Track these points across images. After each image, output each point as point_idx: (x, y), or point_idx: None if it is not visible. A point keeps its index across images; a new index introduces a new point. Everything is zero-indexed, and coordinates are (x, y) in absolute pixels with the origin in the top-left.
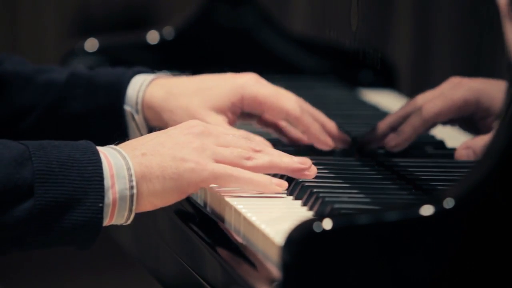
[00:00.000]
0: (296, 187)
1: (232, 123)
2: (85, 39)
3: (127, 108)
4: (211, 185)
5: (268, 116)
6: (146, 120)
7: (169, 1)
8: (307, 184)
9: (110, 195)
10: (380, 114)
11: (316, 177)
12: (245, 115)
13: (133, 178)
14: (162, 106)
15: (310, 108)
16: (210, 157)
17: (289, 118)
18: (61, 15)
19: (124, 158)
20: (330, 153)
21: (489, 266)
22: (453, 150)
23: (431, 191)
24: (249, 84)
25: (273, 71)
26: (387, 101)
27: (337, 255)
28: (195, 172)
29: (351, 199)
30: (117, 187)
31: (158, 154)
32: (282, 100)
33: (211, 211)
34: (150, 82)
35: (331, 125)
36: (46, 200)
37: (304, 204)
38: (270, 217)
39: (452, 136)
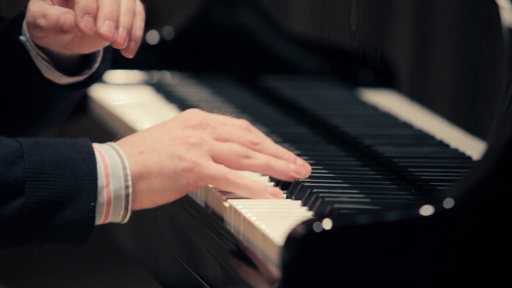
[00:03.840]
0: (296, 187)
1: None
2: None
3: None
4: (211, 185)
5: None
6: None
7: (169, 1)
8: (307, 184)
9: (104, 194)
10: (380, 114)
11: (316, 177)
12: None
13: (129, 177)
14: None
15: None
16: (208, 153)
17: None
18: None
19: (121, 157)
20: (330, 152)
21: (489, 266)
22: (453, 150)
23: (431, 191)
24: None
25: (273, 71)
26: (387, 101)
27: (336, 255)
28: (192, 172)
29: (351, 199)
30: (112, 187)
31: (155, 152)
32: None
33: (211, 211)
34: None
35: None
36: (37, 198)
37: (304, 204)
38: (270, 217)
39: (452, 137)
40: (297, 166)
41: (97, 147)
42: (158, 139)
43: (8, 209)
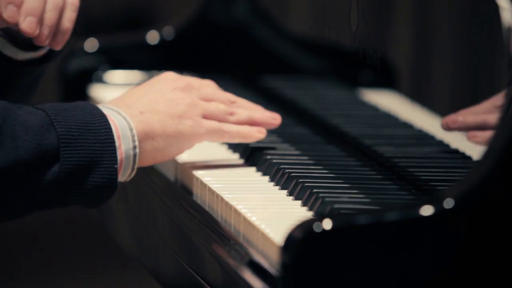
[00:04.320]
0: (296, 187)
1: None
2: (84, 39)
3: None
4: (211, 184)
5: None
6: None
7: (169, 1)
8: (307, 184)
9: (118, 156)
10: (380, 114)
11: (316, 177)
12: None
13: (136, 138)
14: None
15: None
16: (201, 113)
17: None
18: None
19: (124, 118)
20: (330, 152)
21: (489, 267)
22: (453, 150)
23: (431, 191)
24: None
25: (273, 71)
26: (387, 101)
27: (337, 255)
28: (193, 129)
29: (351, 199)
30: (123, 148)
31: (155, 113)
32: None
33: (211, 211)
34: None
35: None
36: (71, 163)
37: (304, 204)
38: (270, 217)
39: (452, 137)
40: (271, 113)
41: (103, 110)
42: (152, 100)
43: (46, 176)
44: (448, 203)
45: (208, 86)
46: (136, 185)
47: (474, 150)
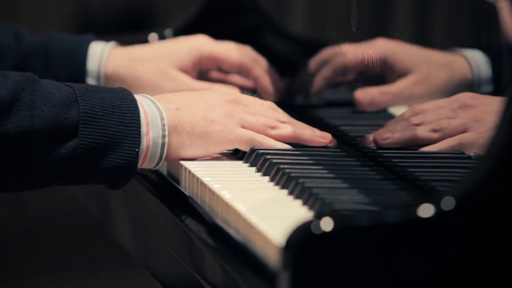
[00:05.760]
0: (296, 187)
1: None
2: None
3: (90, 81)
4: (211, 183)
5: (224, 69)
6: None
7: (169, 4)
8: (307, 184)
9: (144, 142)
10: (380, 114)
11: (316, 177)
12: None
13: (166, 127)
14: (128, 73)
15: (259, 59)
16: (238, 123)
17: (242, 69)
18: (61, 17)
19: (158, 108)
20: (330, 152)
21: (490, 267)
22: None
23: (431, 191)
24: (205, 43)
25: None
26: None
27: (337, 256)
28: (222, 133)
29: (351, 199)
30: (151, 135)
31: (190, 112)
32: (235, 54)
33: (211, 211)
34: (110, 51)
35: (273, 74)
36: (89, 141)
37: (304, 204)
38: (270, 217)
39: None
40: (321, 132)
41: (137, 97)
42: (193, 102)
43: (62, 149)
44: (448, 203)
45: (258, 105)
46: (135, 184)
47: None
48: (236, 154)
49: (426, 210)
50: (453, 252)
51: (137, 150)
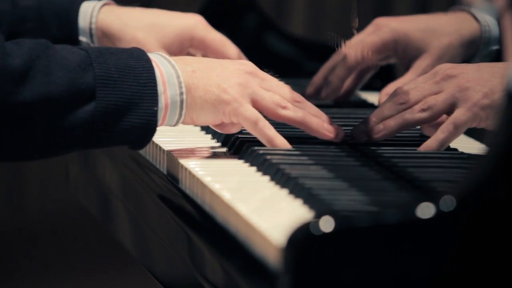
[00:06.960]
0: (296, 187)
1: None
2: None
3: (82, 39)
4: (211, 183)
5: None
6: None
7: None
8: (307, 184)
9: (162, 100)
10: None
11: (316, 177)
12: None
13: (183, 85)
14: (118, 36)
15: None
16: (250, 95)
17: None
18: None
19: (173, 66)
20: (330, 152)
21: (490, 267)
22: (453, 150)
23: (431, 191)
24: (199, 27)
25: (273, 72)
26: None
27: (337, 256)
28: (230, 106)
29: (351, 199)
30: (168, 93)
31: (206, 77)
32: (226, 47)
33: (210, 211)
34: (100, 8)
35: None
36: (106, 103)
37: (304, 204)
38: (270, 217)
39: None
40: (330, 126)
41: (151, 56)
42: (210, 67)
43: (81, 113)
44: (449, 204)
45: (275, 81)
46: (135, 184)
47: (474, 150)
48: (235, 154)
49: (426, 210)
50: (453, 252)
51: (155, 109)
